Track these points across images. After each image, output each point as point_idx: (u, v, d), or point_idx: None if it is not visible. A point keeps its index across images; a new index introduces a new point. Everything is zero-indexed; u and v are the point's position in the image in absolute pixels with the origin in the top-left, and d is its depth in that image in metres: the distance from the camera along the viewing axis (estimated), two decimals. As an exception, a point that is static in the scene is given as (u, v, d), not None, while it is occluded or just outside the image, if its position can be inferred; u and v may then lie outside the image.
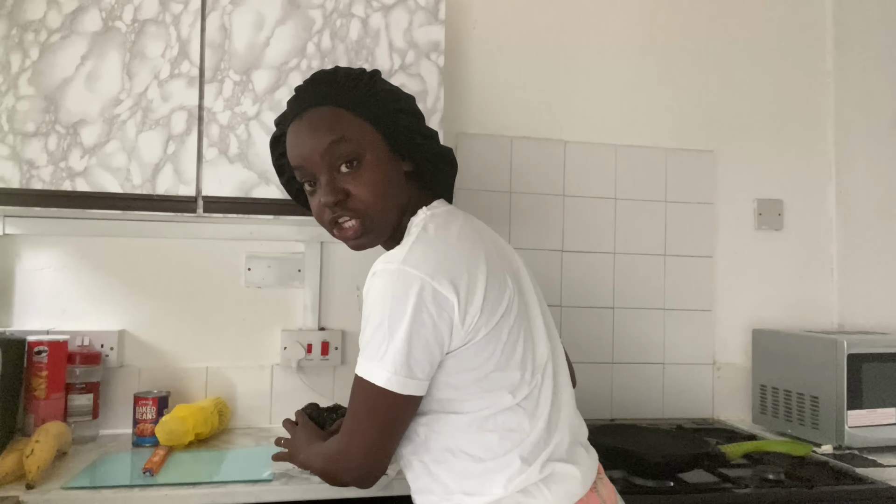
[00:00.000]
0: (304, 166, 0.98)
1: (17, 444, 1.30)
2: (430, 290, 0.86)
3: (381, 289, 0.88)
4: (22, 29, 1.37)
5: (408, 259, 0.88)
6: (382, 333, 0.87)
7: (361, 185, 0.95)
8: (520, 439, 0.93)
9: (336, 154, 0.95)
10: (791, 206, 2.08)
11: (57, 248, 1.67)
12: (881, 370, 1.65)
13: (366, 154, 0.96)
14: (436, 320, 0.86)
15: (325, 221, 1.00)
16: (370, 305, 0.89)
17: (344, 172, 0.96)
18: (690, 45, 2.04)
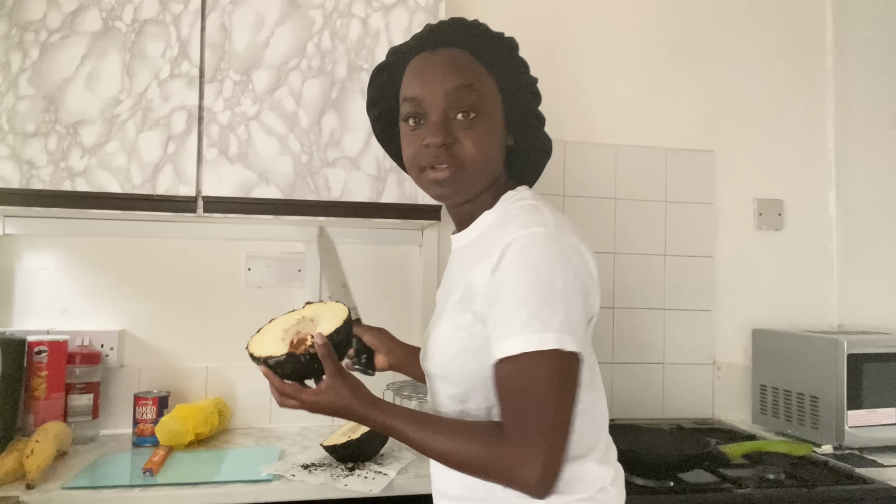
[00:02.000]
0: (421, 100, 0.92)
1: (17, 444, 1.30)
2: (581, 255, 0.84)
3: (537, 252, 0.81)
4: (22, 29, 1.37)
5: (549, 224, 0.84)
6: (553, 297, 0.80)
7: (472, 137, 0.90)
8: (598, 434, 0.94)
9: (460, 99, 0.90)
10: (791, 206, 2.08)
11: (57, 248, 1.67)
12: (881, 370, 1.65)
13: (485, 110, 0.92)
14: (586, 285, 0.84)
15: (419, 163, 0.93)
16: (523, 272, 0.81)
17: (458, 120, 0.91)
18: (691, 45, 2.04)
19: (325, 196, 1.48)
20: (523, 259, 0.81)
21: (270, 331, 0.99)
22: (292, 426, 1.72)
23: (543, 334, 0.79)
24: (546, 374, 0.79)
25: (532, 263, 0.81)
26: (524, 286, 0.80)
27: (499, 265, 0.83)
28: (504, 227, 0.87)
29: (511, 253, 0.82)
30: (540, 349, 0.78)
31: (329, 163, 1.48)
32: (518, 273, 0.81)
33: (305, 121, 1.48)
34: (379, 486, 1.25)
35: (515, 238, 0.83)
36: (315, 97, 1.48)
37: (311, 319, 0.99)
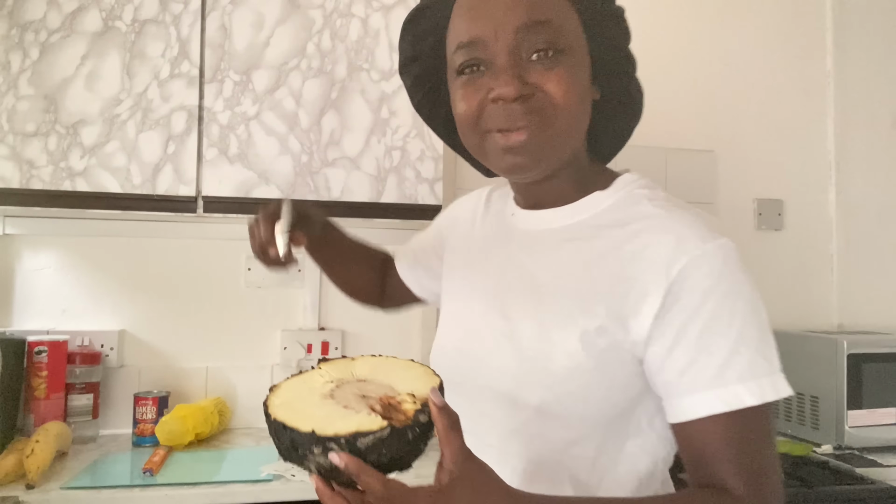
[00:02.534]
0: (482, 42, 0.67)
1: (17, 444, 1.30)
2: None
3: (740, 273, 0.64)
4: (22, 29, 1.37)
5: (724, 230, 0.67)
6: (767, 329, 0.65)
7: (555, 80, 0.66)
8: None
9: (533, 38, 0.66)
10: (791, 206, 2.08)
11: (57, 248, 1.67)
12: (881, 370, 1.65)
13: (569, 47, 0.68)
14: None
15: (482, 124, 0.69)
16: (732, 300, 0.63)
17: (534, 62, 0.67)
18: (690, 44, 2.04)
19: (325, 196, 1.48)
20: (728, 282, 0.63)
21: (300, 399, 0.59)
22: (292, 426, 1.72)
23: (773, 378, 0.63)
24: (770, 424, 0.65)
25: (740, 288, 0.64)
26: (738, 318, 0.63)
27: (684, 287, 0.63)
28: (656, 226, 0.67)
29: (705, 272, 0.63)
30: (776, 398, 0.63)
31: (329, 163, 1.48)
32: (724, 300, 0.63)
33: (305, 121, 1.48)
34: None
35: (706, 251, 0.63)
36: (315, 97, 1.48)
37: (363, 380, 0.63)
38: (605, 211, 0.72)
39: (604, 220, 0.71)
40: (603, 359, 0.66)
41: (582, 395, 0.66)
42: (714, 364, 0.62)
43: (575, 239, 0.72)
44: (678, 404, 0.64)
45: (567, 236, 0.73)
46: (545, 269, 0.73)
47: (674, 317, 0.63)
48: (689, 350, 0.63)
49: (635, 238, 0.67)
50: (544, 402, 0.67)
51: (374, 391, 0.60)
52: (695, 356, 0.63)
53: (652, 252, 0.65)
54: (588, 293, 0.68)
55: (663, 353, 0.64)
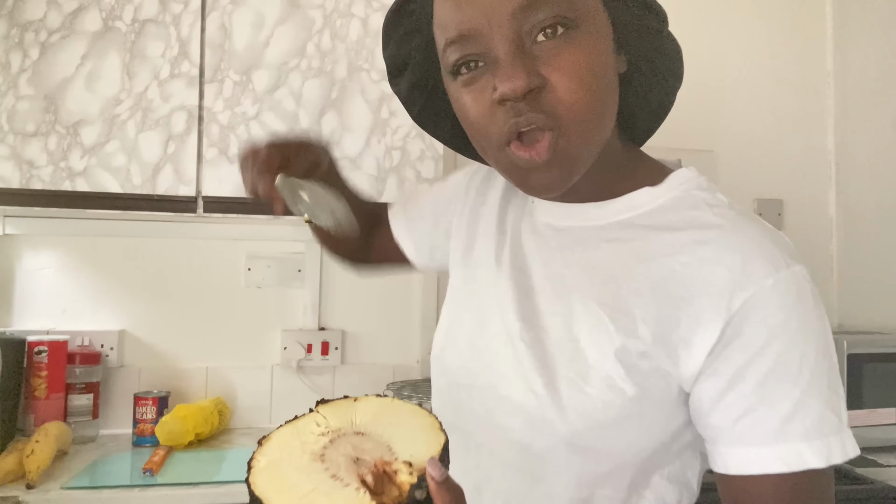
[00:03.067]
0: (472, 34, 0.55)
1: (17, 444, 1.30)
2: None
3: (813, 310, 0.55)
4: (22, 29, 1.37)
5: (797, 252, 0.57)
6: (838, 379, 0.55)
7: (570, 63, 0.54)
8: None
9: (535, 15, 0.53)
10: (791, 206, 2.08)
11: (57, 248, 1.67)
12: (881, 370, 1.65)
13: (581, 22, 0.54)
14: None
15: (496, 136, 0.56)
16: (802, 342, 0.54)
17: (540, 42, 0.54)
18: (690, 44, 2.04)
19: (325, 196, 1.48)
20: (800, 321, 0.54)
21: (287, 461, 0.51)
22: (292, 426, 1.72)
23: (841, 436, 0.53)
24: (831, 489, 0.55)
25: (814, 328, 0.54)
26: (809, 363, 0.53)
27: (748, 321, 0.53)
28: (718, 240, 0.56)
29: (776, 306, 0.53)
30: (843, 460, 0.53)
31: (329, 163, 1.48)
32: (794, 342, 0.53)
33: (305, 121, 1.48)
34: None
35: (779, 281, 0.53)
36: (315, 97, 1.48)
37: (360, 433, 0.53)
38: (654, 211, 0.61)
39: (653, 222, 0.60)
40: (646, 386, 0.56)
41: (620, 426, 0.56)
42: (776, 416, 0.53)
43: (616, 240, 0.61)
44: (728, 453, 0.55)
45: (607, 236, 0.61)
46: (578, 272, 0.61)
47: (732, 354, 0.54)
48: (747, 396, 0.53)
49: (691, 251, 0.56)
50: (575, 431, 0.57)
51: (371, 451, 0.51)
52: (754, 404, 0.53)
53: (711, 273, 0.54)
54: (629, 307, 0.57)
55: (716, 395, 0.54)
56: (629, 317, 0.57)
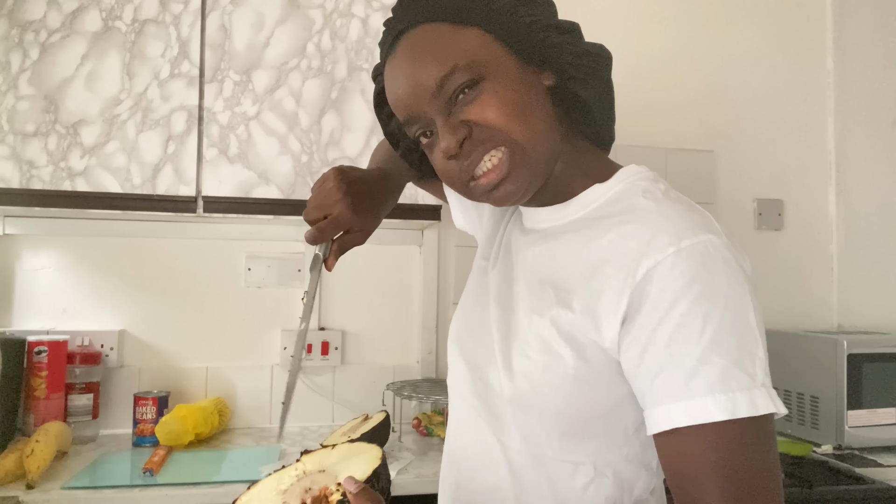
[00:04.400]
0: (412, 112, 0.69)
1: (17, 444, 1.30)
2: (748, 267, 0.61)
3: (720, 272, 0.58)
4: (22, 29, 1.37)
5: (719, 230, 0.61)
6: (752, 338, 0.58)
7: (486, 106, 0.65)
8: None
9: (451, 84, 0.65)
10: (791, 206, 2.08)
11: (57, 248, 1.67)
12: (881, 370, 1.65)
13: (486, 72, 0.66)
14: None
15: (459, 181, 0.69)
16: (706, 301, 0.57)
17: (461, 99, 0.66)
18: (690, 44, 2.04)
19: (325, 196, 1.48)
20: (704, 284, 0.57)
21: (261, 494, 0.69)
22: (292, 426, 1.72)
23: (751, 392, 0.56)
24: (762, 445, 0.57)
25: (717, 289, 0.57)
26: (712, 324, 0.57)
27: (650, 284, 0.59)
28: (637, 219, 0.63)
29: (678, 271, 0.58)
30: (752, 415, 0.55)
31: (329, 163, 1.48)
32: (697, 304, 0.57)
33: (305, 121, 1.48)
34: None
35: (681, 249, 0.58)
36: (315, 97, 1.48)
37: (322, 471, 0.70)
38: (603, 204, 0.69)
39: (601, 213, 0.68)
40: (584, 354, 0.63)
41: (557, 387, 0.64)
42: (682, 373, 0.57)
43: (572, 232, 0.70)
44: (650, 415, 0.60)
45: (566, 230, 0.71)
46: (543, 262, 0.71)
47: (643, 320, 0.59)
48: (658, 357, 0.58)
49: (616, 230, 0.64)
50: (519, 390, 0.67)
51: (322, 482, 0.67)
52: (664, 364, 0.58)
53: (625, 247, 0.61)
54: (571, 285, 0.65)
55: (636, 360, 0.60)
56: (568, 292, 0.65)
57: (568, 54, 0.71)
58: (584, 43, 0.73)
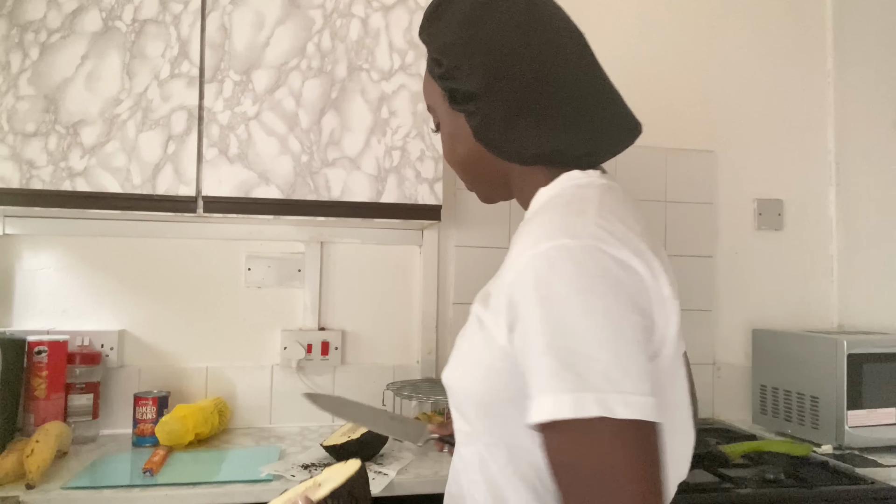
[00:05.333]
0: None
1: (17, 444, 1.30)
2: (634, 273, 0.61)
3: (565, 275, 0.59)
4: (22, 29, 1.37)
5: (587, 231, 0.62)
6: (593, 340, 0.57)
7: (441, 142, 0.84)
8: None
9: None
10: (791, 206, 2.08)
11: (57, 248, 1.67)
12: (881, 370, 1.65)
13: (437, 115, 0.81)
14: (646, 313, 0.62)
15: None
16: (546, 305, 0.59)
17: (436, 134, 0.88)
18: (690, 44, 2.04)
19: (325, 196, 1.48)
20: (545, 290, 0.59)
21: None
22: (292, 426, 1.72)
23: (580, 395, 0.56)
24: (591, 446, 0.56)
25: (556, 293, 0.58)
26: (550, 327, 0.58)
27: (514, 288, 0.62)
28: (532, 225, 0.66)
29: (528, 275, 0.60)
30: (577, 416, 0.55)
31: (329, 163, 1.48)
32: (540, 305, 0.59)
33: (305, 121, 1.48)
34: (379, 487, 1.25)
35: (534, 255, 0.61)
36: (315, 97, 1.48)
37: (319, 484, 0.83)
38: (538, 209, 0.73)
39: (528, 217, 0.73)
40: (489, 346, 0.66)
41: (463, 369, 0.70)
42: (529, 374, 0.60)
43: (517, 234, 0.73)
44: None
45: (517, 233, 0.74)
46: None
47: (513, 324, 0.62)
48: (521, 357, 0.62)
49: (523, 236, 0.66)
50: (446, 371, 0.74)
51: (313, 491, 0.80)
52: (523, 364, 0.61)
53: (514, 252, 0.65)
54: (493, 283, 0.70)
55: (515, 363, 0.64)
56: (490, 290, 0.69)
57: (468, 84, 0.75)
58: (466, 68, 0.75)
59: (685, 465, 0.75)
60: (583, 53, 0.78)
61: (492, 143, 0.76)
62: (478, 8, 0.75)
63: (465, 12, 0.75)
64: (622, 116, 0.76)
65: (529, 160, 0.75)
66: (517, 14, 0.75)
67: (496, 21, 0.74)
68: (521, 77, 0.73)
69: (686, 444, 0.74)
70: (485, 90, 0.74)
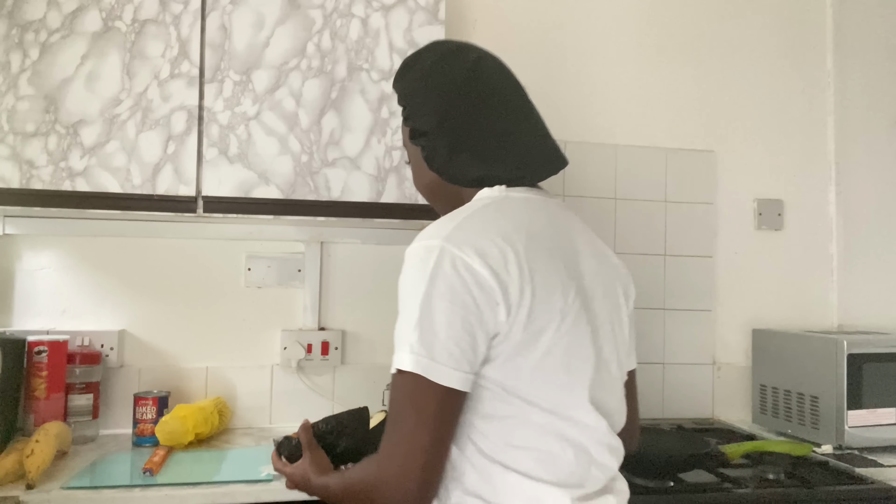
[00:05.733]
0: None
1: (17, 444, 1.30)
2: (468, 270, 0.78)
3: (412, 267, 0.81)
4: (22, 29, 1.37)
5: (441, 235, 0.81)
6: (417, 315, 0.78)
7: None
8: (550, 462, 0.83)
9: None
10: (791, 206, 2.08)
11: (57, 248, 1.67)
12: (881, 370, 1.65)
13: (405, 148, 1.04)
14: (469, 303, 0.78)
15: None
16: (402, 287, 0.82)
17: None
18: (691, 44, 2.04)
19: (325, 196, 1.48)
20: (404, 273, 0.82)
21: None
22: (292, 426, 1.71)
23: (402, 354, 0.78)
24: (404, 394, 0.79)
25: (407, 279, 0.81)
26: (401, 301, 0.81)
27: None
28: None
29: (403, 265, 0.83)
30: (398, 368, 0.79)
31: (329, 163, 1.48)
32: (400, 287, 0.82)
33: (305, 121, 1.48)
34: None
35: (407, 250, 0.83)
36: (315, 97, 1.48)
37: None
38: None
39: None
40: None
41: None
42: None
43: None
44: None
45: None
46: None
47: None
48: None
49: None
50: None
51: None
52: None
53: None
54: None
55: None
56: None
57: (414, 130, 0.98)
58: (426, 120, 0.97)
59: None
60: (517, 103, 0.96)
61: (440, 170, 0.96)
62: (434, 66, 0.97)
63: (424, 69, 0.97)
64: (546, 153, 0.96)
65: (470, 183, 0.95)
66: (463, 72, 0.95)
67: (446, 77, 0.95)
68: (461, 120, 0.93)
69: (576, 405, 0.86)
70: (433, 129, 0.94)
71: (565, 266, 0.86)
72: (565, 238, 0.90)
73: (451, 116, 0.94)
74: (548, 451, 0.82)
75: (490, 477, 0.81)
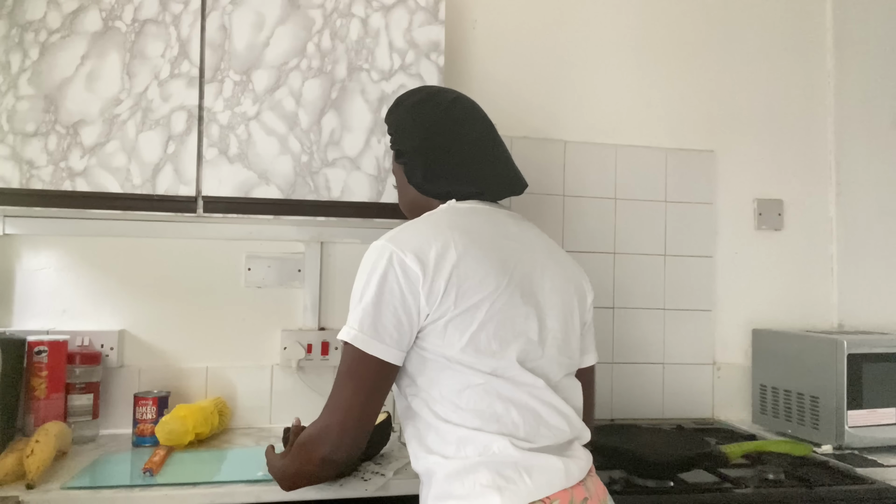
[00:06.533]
0: None
1: (17, 444, 1.30)
2: (402, 266, 0.97)
3: (364, 261, 1.01)
4: (22, 29, 1.37)
5: (391, 237, 1.01)
6: (358, 299, 0.98)
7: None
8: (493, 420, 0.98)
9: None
10: (791, 206, 2.08)
11: (57, 248, 1.67)
12: (881, 370, 1.65)
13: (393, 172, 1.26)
14: (398, 293, 0.97)
15: None
16: (357, 275, 1.01)
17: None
18: (691, 44, 2.04)
19: (325, 196, 1.48)
20: (361, 265, 1.01)
21: None
22: (292, 426, 1.72)
23: (346, 328, 0.98)
24: (344, 361, 0.99)
25: (359, 270, 1.01)
26: (353, 287, 1.01)
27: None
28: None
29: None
30: (341, 339, 0.99)
31: (329, 163, 1.48)
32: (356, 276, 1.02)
33: (305, 121, 1.48)
34: (375, 486, 1.25)
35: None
36: (315, 97, 1.48)
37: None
38: None
39: None
40: None
41: None
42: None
43: None
44: None
45: None
46: None
47: None
48: None
49: None
50: None
51: None
52: None
53: None
54: None
55: None
56: None
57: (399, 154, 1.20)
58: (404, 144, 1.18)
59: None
60: (485, 135, 1.16)
61: (418, 185, 1.16)
62: (416, 105, 1.18)
63: (409, 106, 1.19)
64: (507, 177, 1.16)
65: (440, 196, 1.15)
66: (440, 111, 1.16)
67: (426, 113, 1.16)
68: (436, 144, 1.14)
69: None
70: (414, 149, 1.15)
71: (500, 258, 1.02)
72: (507, 237, 1.08)
73: (429, 140, 1.14)
74: (492, 411, 0.97)
75: (445, 435, 0.97)
